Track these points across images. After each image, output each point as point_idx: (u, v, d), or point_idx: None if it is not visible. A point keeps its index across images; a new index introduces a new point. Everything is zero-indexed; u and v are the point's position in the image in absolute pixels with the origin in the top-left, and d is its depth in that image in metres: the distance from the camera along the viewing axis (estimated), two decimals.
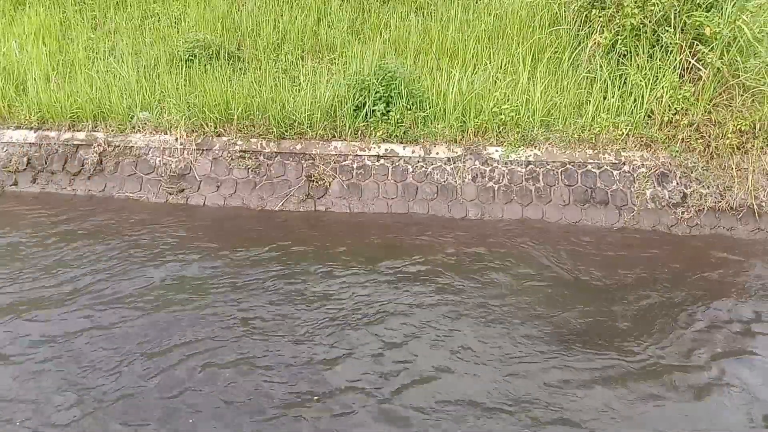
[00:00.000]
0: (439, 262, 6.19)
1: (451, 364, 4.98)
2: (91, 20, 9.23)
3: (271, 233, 6.67)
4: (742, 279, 6.16)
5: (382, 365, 4.96)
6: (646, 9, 7.17)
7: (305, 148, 7.40)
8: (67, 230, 6.61)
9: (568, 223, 6.98)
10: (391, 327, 5.34)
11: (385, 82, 7.41)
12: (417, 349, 5.12)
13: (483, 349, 5.14)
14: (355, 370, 4.90)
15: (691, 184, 7.05)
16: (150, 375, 4.80)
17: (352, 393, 4.70)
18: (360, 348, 5.12)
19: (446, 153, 7.31)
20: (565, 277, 6.07)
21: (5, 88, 7.86)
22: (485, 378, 4.85)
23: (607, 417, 4.57)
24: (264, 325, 5.32)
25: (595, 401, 4.70)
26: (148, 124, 7.57)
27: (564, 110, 7.44)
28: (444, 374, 4.89)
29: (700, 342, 5.30)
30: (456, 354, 5.08)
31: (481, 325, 5.39)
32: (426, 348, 5.14)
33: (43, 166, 7.53)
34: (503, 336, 5.28)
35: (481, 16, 8.76)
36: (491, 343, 5.20)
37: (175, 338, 5.16)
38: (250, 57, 8.27)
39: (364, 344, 5.15)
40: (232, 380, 4.78)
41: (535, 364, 5.01)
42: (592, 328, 5.43)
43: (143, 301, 5.58)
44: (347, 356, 5.03)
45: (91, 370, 4.84)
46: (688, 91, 7.11)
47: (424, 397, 4.68)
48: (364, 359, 5.01)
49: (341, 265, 6.12)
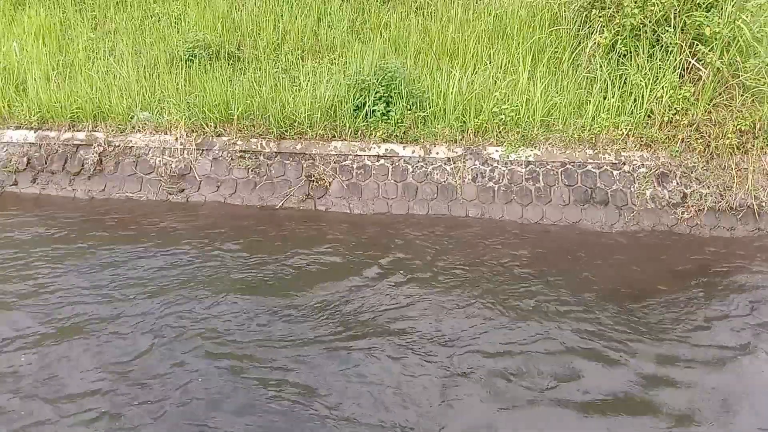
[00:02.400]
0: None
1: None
2: (91, 20, 9.22)
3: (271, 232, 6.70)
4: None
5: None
6: (646, 9, 7.17)
7: (305, 148, 7.40)
8: (67, 230, 6.63)
9: (568, 223, 6.99)
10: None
11: (385, 82, 7.41)
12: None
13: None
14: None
15: (691, 184, 7.05)
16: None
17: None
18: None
19: (446, 153, 7.31)
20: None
21: (5, 88, 7.86)
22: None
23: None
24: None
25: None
26: (148, 124, 7.57)
27: (564, 110, 7.44)
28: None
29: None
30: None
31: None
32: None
33: (43, 166, 7.52)
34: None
35: (481, 16, 8.75)
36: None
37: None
38: (250, 57, 8.27)
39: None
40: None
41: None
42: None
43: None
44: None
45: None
46: (688, 91, 7.10)
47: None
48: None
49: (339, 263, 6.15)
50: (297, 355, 5.05)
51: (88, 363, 4.92)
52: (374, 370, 4.93)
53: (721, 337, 5.39)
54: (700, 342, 5.31)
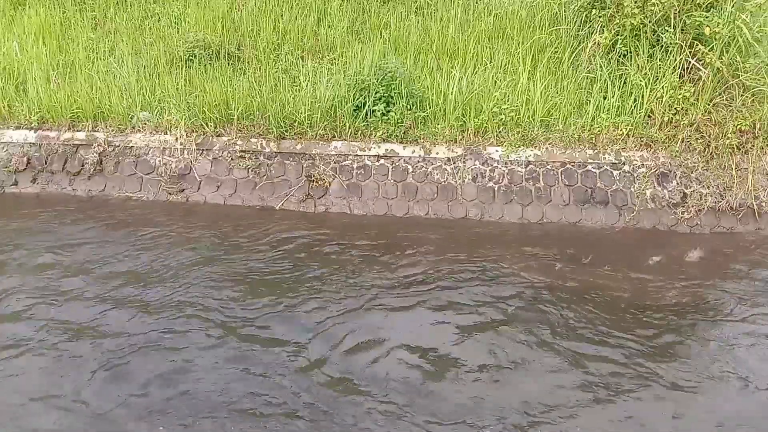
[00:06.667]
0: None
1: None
2: (91, 20, 9.20)
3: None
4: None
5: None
6: (646, 9, 7.17)
7: (305, 148, 7.39)
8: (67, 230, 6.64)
9: (568, 223, 6.99)
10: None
11: (385, 82, 7.41)
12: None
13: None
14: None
15: (691, 184, 7.05)
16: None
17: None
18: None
19: (446, 153, 7.31)
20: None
21: (5, 88, 7.85)
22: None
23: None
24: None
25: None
26: (148, 124, 7.57)
27: (564, 110, 7.44)
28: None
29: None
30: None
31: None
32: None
33: (43, 166, 7.52)
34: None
35: (481, 16, 8.74)
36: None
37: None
38: (250, 57, 8.26)
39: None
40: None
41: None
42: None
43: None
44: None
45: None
46: (688, 91, 7.10)
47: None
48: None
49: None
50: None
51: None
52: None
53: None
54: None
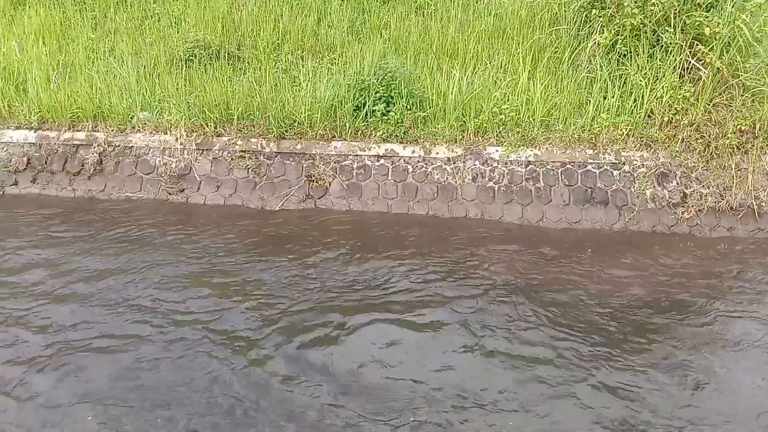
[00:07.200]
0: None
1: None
2: (91, 20, 9.21)
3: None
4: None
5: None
6: (646, 9, 7.17)
7: (305, 148, 7.39)
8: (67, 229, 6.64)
9: (568, 223, 6.98)
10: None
11: (385, 82, 7.41)
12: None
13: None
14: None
15: (691, 184, 7.05)
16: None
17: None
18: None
19: (446, 153, 7.31)
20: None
21: (5, 88, 7.86)
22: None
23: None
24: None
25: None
26: (148, 124, 7.57)
27: (564, 110, 7.43)
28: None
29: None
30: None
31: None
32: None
33: (43, 166, 7.53)
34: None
35: (481, 16, 8.75)
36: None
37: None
38: (250, 57, 8.27)
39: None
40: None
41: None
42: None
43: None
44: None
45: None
46: (688, 91, 7.10)
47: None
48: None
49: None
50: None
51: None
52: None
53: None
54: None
